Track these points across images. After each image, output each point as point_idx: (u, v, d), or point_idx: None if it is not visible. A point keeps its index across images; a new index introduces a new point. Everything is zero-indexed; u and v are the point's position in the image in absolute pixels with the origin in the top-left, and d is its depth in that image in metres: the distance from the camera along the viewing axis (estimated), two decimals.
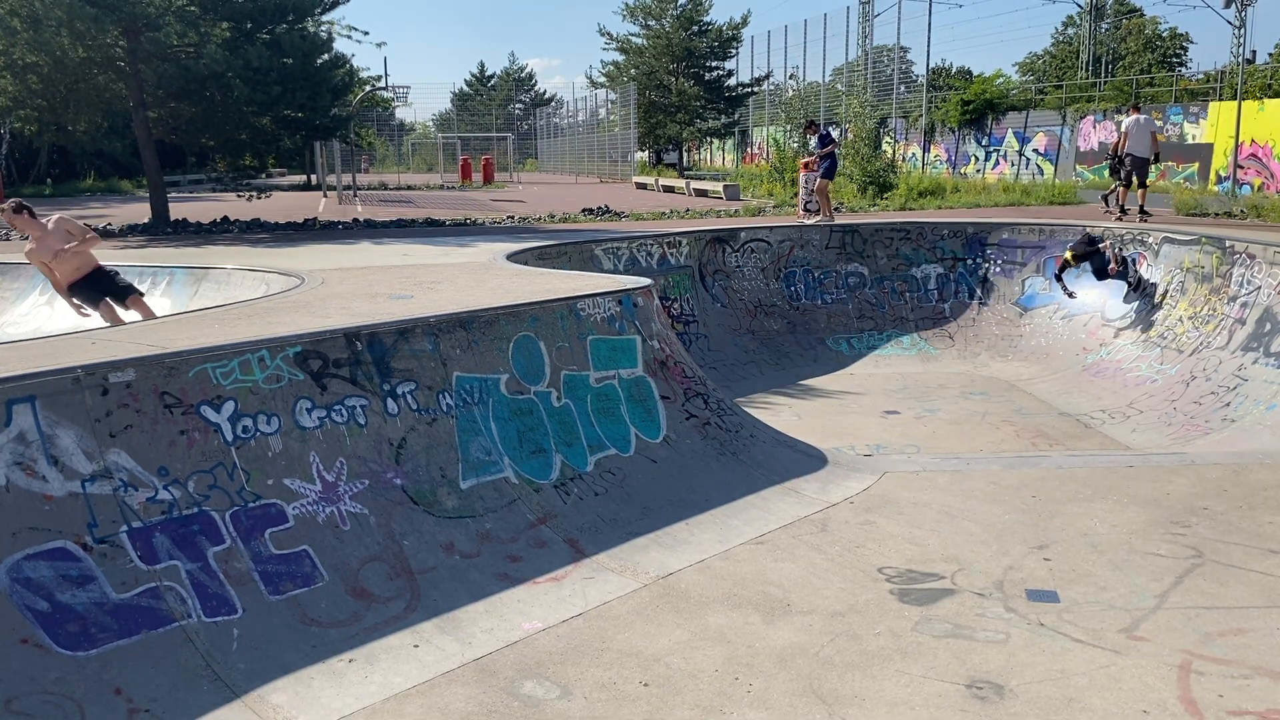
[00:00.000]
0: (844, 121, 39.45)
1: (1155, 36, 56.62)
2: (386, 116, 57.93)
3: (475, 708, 4.72)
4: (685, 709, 4.67)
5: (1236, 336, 11.48)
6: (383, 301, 8.50)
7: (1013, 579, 6.00)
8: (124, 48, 17.75)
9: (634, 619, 5.59)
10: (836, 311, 15.44)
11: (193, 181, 41.94)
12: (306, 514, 5.83)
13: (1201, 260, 12.99)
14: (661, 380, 8.33)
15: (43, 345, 6.77)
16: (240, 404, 5.90)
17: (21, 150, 36.00)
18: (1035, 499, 7.38)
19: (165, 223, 19.49)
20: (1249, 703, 4.57)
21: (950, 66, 61.07)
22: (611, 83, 52.70)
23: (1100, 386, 12.60)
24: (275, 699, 4.77)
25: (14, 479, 4.97)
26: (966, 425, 11.38)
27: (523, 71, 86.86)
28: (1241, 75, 29.44)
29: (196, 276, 12.10)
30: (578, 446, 7.39)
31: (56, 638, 4.69)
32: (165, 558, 5.20)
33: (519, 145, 62.15)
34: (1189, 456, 8.63)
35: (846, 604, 5.72)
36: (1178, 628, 5.30)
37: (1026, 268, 15.32)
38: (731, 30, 49.61)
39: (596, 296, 8.36)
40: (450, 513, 6.39)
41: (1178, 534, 6.59)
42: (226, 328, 7.08)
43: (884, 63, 43.44)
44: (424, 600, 5.69)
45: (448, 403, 6.87)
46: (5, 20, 16.57)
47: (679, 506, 7.19)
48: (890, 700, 4.69)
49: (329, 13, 19.80)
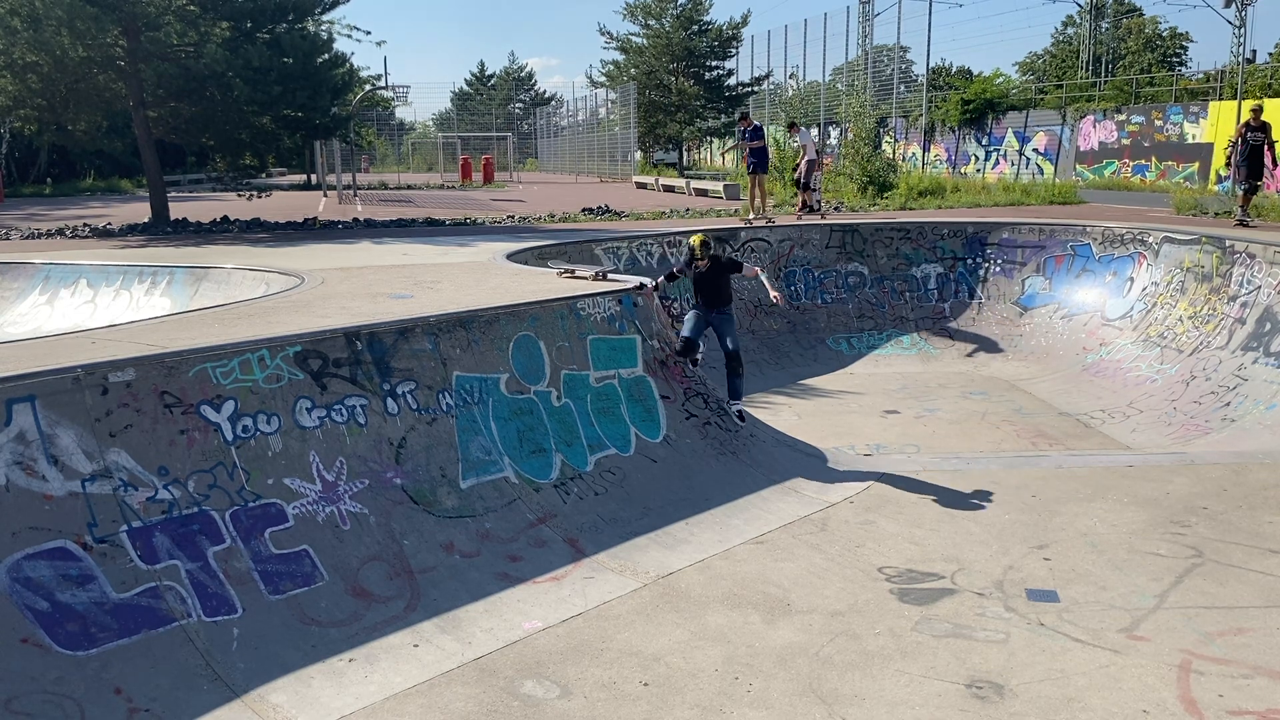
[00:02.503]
0: (844, 121, 39.46)
1: (1155, 36, 56.60)
2: (386, 116, 57.89)
3: (475, 707, 4.72)
4: (685, 708, 4.67)
5: (1236, 336, 11.47)
6: (383, 301, 8.50)
7: (1013, 579, 6.00)
8: (124, 47, 17.74)
9: (634, 619, 5.59)
10: (836, 311, 15.43)
11: (193, 181, 41.90)
12: (306, 513, 5.83)
13: (1201, 260, 12.99)
14: (661, 380, 8.33)
15: (43, 345, 6.77)
16: (240, 403, 5.90)
17: (21, 150, 35.98)
18: (1035, 499, 7.38)
19: (165, 222, 19.48)
20: (1249, 702, 4.57)
21: (950, 66, 61.01)
22: (611, 82, 52.66)
23: (1100, 386, 12.59)
24: (275, 698, 4.76)
25: (14, 478, 4.97)
26: (966, 425, 11.38)
27: (523, 71, 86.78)
28: (1241, 75, 29.43)
29: (196, 276, 12.09)
30: (578, 446, 7.39)
31: (57, 637, 4.70)
32: (165, 557, 5.20)
33: (519, 145, 62.13)
34: (1189, 456, 8.63)
35: (846, 603, 5.72)
36: (1178, 627, 5.30)
37: (1026, 267, 15.32)
38: (731, 30, 49.58)
39: (596, 296, 8.36)
40: (450, 512, 6.39)
41: (1178, 534, 6.59)
42: (226, 327, 7.08)
43: (884, 62, 43.42)
44: (424, 600, 5.69)
45: (448, 402, 6.87)
46: (5, 20, 16.56)
47: (679, 506, 7.19)
48: (890, 700, 4.69)
49: (329, 12, 19.79)
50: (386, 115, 57.21)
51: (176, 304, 11.49)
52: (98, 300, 12.29)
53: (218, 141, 20.67)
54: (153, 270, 12.44)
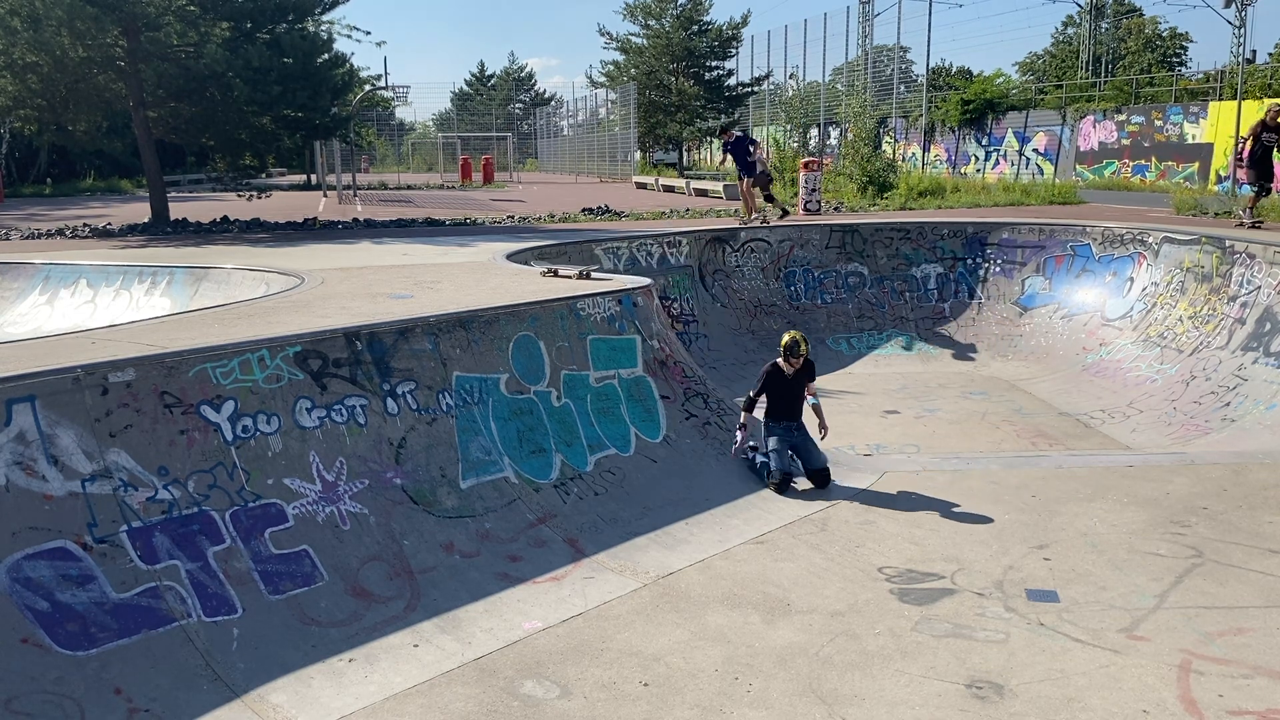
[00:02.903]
0: (844, 121, 39.44)
1: (1155, 36, 56.62)
2: (386, 116, 57.90)
3: (475, 707, 4.72)
4: (685, 708, 4.67)
5: (1236, 336, 11.47)
6: (383, 301, 8.50)
7: (1013, 579, 6.00)
8: (124, 47, 17.74)
9: (634, 619, 5.59)
10: (836, 311, 15.43)
11: (193, 181, 41.91)
12: (306, 513, 5.83)
13: (1201, 260, 12.99)
14: (661, 380, 8.33)
15: (43, 345, 6.77)
16: (240, 403, 5.90)
17: (21, 150, 35.98)
18: (1035, 499, 7.38)
19: (165, 222, 19.48)
20: (1249, 702, 4.57)
21: (950, 66, 61.00)
22: (611, 82, 52.68)
23: (1100, 386, 12.59)
24: (275, 698, 4.76)
25: (14, 478, 4.97)
26: (966, 425, 11.38)
27: (523, 71, 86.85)
28: (1241, 75, 29.43)
29: (196, 276, 12.09)
30: (578, 446, 7.39)
31: (56, 637, 4.70)
32: (165, 557, 5.20)
33: (519, 145, 62.14)
34: (1189, 456, 8.63)
35: (846, 604, 5.72)
36: (1177, 627, 5.30)
37: (1026, 267, 15.32)
38: (731, 30, 49.60)
39: (596, 296, 8.36)
40: (450, 512, 6.39)
41: (1178, 534, 6.59)
42: (226, 327, 7.08)
43: (884, 62, 43.43)
44: (424, 600, 5.69)
45: (448, 402, 6.87)
46: (5, 20, 16.56)
47: (679, 506, 7.19)
48: (890, 700, 4.69)
49: (329, 12, 19.80)
50: (386, 115, 57.22)
51: (176, 304, 11.49)
52: (98, 300, 12.29)
53: (218, 141, 20.67)
54: (153, 270, 12.43)
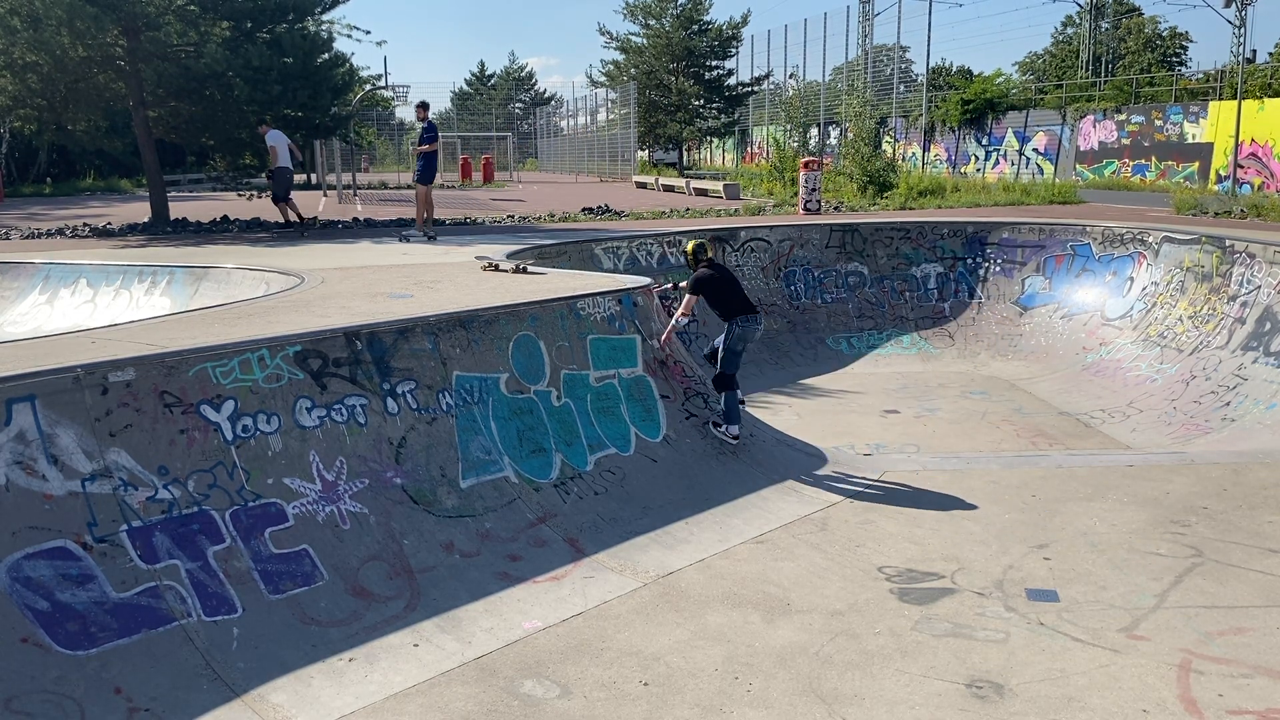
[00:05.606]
0: (844, 121, 39.44)
1: (1155, 36, 56.61)
2: (386, 116, 57.83)
3: (475, 707, 4.72)
4: (685, 708, 4.67)
5: (1236, 336, 11.47)
6: (383, 301, 8.50)
7: (1013, 578, 6.00)
8: (124, 47, 17.73)
9: (634, 618, 5.59)
10: (836, 311, 15.44)
11: (192, 181, 41.87)
12: (306, 513, 5.83)
13: (1201, 260, 12.99)
14: (661, 379, 8.33)
15: (43, 344, 6.77)
16: (240, 403, 5.89)
17: (21, 150, 35.97)
18: (1035, 498, 7.38)
19: (165, 222, 19.47)
20: (1249, 702, 4.57)
21: (950, 66, 60.93)
22: (611, 82, 52.65)
23: (1100, 386, 12.60)
24: (275, 698, 4.76)
25: (14, 478, 4.97)
26: (966, 424, 11.38)
27: (523, 71, 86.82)
28: (1241, 75, 29.42)
29: (196, 276, 12.09)
30: (578, 446, 7.39)
31: (56, 637, 4.69)
32: (165, 557, 5.20)
33: (519, 144, 62.12)
34: (1189, 456, 8.63)
35: (846, 603, 5.72)
36: (1177, 627, 5.30)
37: (1026, 267, 15.32)
38: (731, 29, 49.57)
39: (596, 296, 8.36)
40: (450, 512, 6.39)
41: (1178, 533, 6.59)
42: (226, 327, 7.08)
43: (884, 62, 43.45)
44: (424, 599, 5.69)
45: (448, 402, 6.87)
46: (5, 19, 16.55)
47: (679, 505, 7.19)
48: (890, 699, 4.69)
49: (329, 12, 19.78)
50: (386, 115, 57.14)
51: (176, 304, 11.49)
52: (98, 300, 12.29)
53: (218, 141, 20.65)
54: (153, 270, 12.43)
